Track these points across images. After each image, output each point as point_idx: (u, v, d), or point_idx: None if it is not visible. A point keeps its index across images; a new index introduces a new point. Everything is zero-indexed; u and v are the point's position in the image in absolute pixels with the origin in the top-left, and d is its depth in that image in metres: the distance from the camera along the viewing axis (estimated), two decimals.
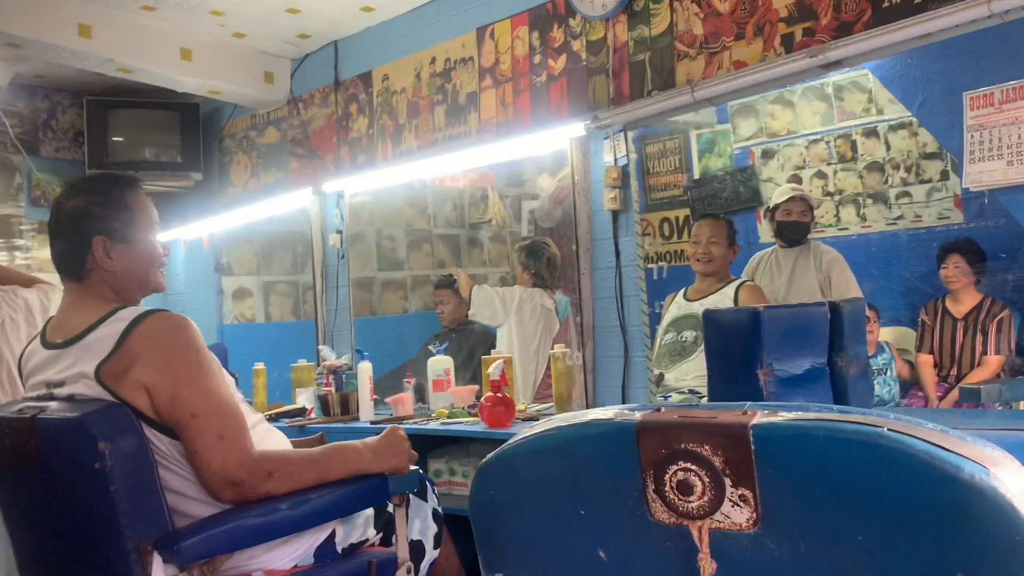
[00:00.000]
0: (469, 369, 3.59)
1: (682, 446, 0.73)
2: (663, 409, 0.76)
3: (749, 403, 0.75)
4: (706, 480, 0.72)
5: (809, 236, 2.90)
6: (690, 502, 0.73)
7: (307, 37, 3.89)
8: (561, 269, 3.66)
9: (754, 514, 0.71)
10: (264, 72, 4.11)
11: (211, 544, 1.55)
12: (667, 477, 0.74)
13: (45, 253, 1.83)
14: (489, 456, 0.85)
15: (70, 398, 1.62)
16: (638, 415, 0.76)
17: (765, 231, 3.02)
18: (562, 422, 0.80)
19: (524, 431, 0.83)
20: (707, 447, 0.72)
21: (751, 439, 0.70)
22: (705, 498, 0.72)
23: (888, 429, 0.66)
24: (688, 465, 0.73)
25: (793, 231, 2.90)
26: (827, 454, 0.68)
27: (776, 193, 2.95)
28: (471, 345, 3.68)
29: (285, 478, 1.64)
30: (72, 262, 1.74)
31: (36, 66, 4.23)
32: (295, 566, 1.72)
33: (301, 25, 3.74)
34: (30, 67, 4.26)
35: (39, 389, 1.70)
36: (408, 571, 1.85)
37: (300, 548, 1.74)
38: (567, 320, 3.53)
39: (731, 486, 0.71)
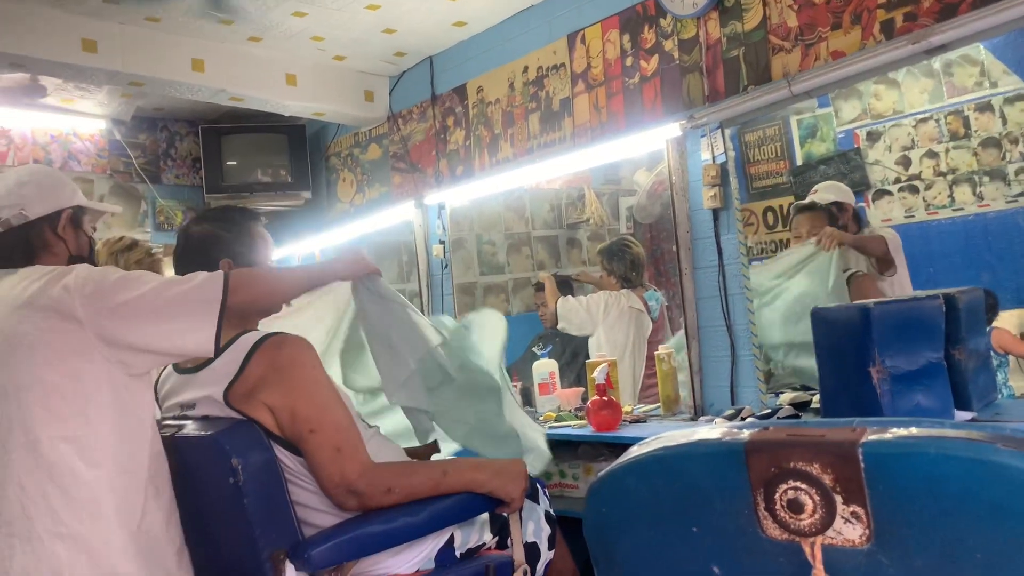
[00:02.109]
0: (573, 370, 3.62)
1: (791, 465, 0.74)
2: (771, 428, 0.78)
3: (858, 419, 0.76)
4: (816, 498, 0.73)
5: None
6: (801, 520, 0.74)
7: (403, 55, 3.99)
8: (655, 265, 3.64)
9: (867, 531, 0.71)
10: (364, 91, 4.24)
11: (339, 551, 1.63)
12: (777, 495, 0.75)
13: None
14: (600, 475, 0.87)
15: (204, 418, 1.74)
16: (746, 434, 0.77)
17: (874, 215, 2.92)
18: (669, 442, 0.82)
19: (632, 450, 0.85)
20: (816, 465, 0.72)
21: (860, 457, 0.70)
22: (817, 515, 0.73)
23: (1001, 445, 0.66)
24: (798, 483, 0.73)
25: None
26: (938, 471, 0.68)
27: None
28: (574, 346, 3.71)
29: (405, 494, 1.72)
30: None
31: (155, 100, 4.51)
32: (418, 570, 1.80)
33: (397, 44, 3.85)
34: (149, 101, 4.54)
35: (174, 411, 1.83)
36: (525, 573, 1.88)
37: (422, 553, 1.81)
38: (661, 316, 3.51)
39: (842, 503, 0.72)
